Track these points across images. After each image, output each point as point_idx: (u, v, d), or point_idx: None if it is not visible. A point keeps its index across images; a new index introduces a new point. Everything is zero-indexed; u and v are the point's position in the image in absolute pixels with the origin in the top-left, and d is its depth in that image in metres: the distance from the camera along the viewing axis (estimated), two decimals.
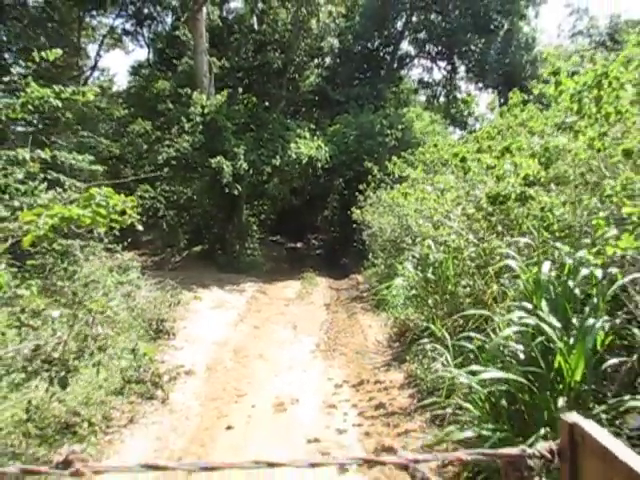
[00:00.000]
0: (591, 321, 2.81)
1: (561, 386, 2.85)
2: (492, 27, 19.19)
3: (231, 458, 3.65)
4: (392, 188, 10.22)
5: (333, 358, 6.15)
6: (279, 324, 8.10)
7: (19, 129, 11.23)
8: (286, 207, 17.88)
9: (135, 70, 20.80)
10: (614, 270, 3.00)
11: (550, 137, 4.13)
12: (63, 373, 3.26)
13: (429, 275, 5.98)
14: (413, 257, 7.25)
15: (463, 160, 4.90)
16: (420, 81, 24.63)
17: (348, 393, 4.97)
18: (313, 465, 0.89)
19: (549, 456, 0.84)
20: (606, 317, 2.90)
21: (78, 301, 4.53)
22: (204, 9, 13.19)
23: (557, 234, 3.98)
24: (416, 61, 23.77)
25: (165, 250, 14.19)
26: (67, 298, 5.28)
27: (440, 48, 22.01)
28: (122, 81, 47.81)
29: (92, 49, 25.92)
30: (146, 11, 21.21)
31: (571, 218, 3.99)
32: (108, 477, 3.31)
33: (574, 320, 3.03)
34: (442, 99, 25.16)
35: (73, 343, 3.78)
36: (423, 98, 25.39)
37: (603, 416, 2.80)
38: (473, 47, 20.46)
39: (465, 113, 23.55)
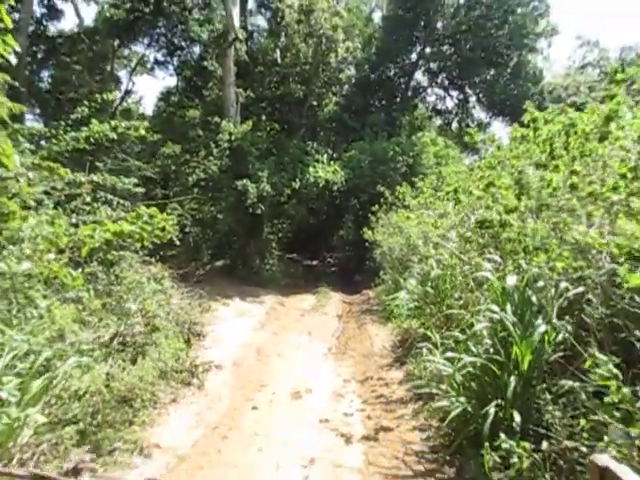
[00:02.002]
0: (539, 322, 3.66)
1: (516, 371, 3.68)
2: (501, 60, 20.28)
3: (256, 429, 4.53)
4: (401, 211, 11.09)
5: (343, 360, 7.00)
6: (295, 331, 8.97)
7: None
8: (303, 226, 18.59)
9: (164, 96, 22.24)
10: (563, 284, 3.87)
11: (523, 174, 5.00)
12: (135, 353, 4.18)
13: (428, 289, 6.83)
14: (417, 273, 8.10)
15: (456, 192, 5.81)
16: (434, 108, 25.68)
17: (354, 386, 5.82)
18: None
19: None
20: (555, 320, 3.75)
21: (133, 299, 5.49)
22: (232, 46, 14.48)
23: (532, 253, 4.84)
24: (429, 90, 24.90)
25: (189, 264, 15.12)
26: (116, 300, 6.28)
27: (452, 78, 23.14)
28: (147, 104, 49.66)
29: (122, 75, 27.52)
30: (176, 41, 22.80)
31: (546, 240, 4.86)
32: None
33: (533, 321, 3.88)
34: (455, 125, 26.13)
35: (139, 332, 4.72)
36: (439, 121, 26.39)
37: (548, 396, 3.63)
38: (483, 78, 21.53)
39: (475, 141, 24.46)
